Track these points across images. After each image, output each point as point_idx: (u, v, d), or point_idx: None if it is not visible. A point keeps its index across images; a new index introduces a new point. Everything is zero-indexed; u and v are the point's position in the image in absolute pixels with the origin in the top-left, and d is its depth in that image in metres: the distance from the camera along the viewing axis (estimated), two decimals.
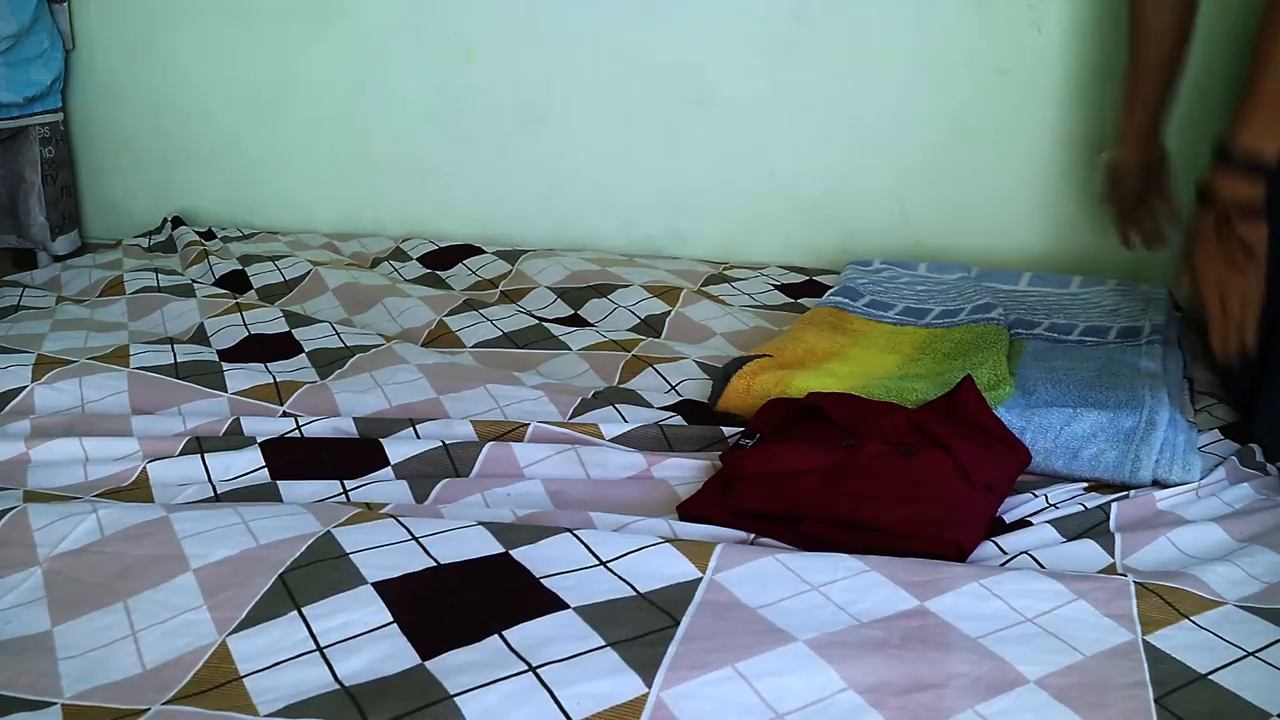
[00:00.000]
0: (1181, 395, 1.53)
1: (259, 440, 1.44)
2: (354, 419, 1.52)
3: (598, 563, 1.09)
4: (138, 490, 1.35)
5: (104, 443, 1.46)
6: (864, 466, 1.26)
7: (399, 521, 1.15)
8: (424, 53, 2.62)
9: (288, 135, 2.78)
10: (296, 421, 1.52)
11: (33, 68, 2.71)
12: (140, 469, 1.39)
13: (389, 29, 2.63)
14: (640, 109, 2.52)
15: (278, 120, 2.78)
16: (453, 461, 1.41)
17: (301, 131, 2.77)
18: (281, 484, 1.35)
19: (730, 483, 1.29)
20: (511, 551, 1.10)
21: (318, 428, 1.51)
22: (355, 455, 1.42)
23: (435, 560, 1.09)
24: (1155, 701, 0.92)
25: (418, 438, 1.47)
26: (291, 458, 1.42)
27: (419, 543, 1.12)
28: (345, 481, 1.36)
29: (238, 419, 1.53)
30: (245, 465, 1.40)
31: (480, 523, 1.16)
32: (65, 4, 2.80)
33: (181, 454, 1.42)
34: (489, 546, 1.11)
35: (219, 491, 1.34)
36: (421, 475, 1.39)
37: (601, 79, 2.52)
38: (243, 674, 0.95)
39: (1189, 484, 1.33)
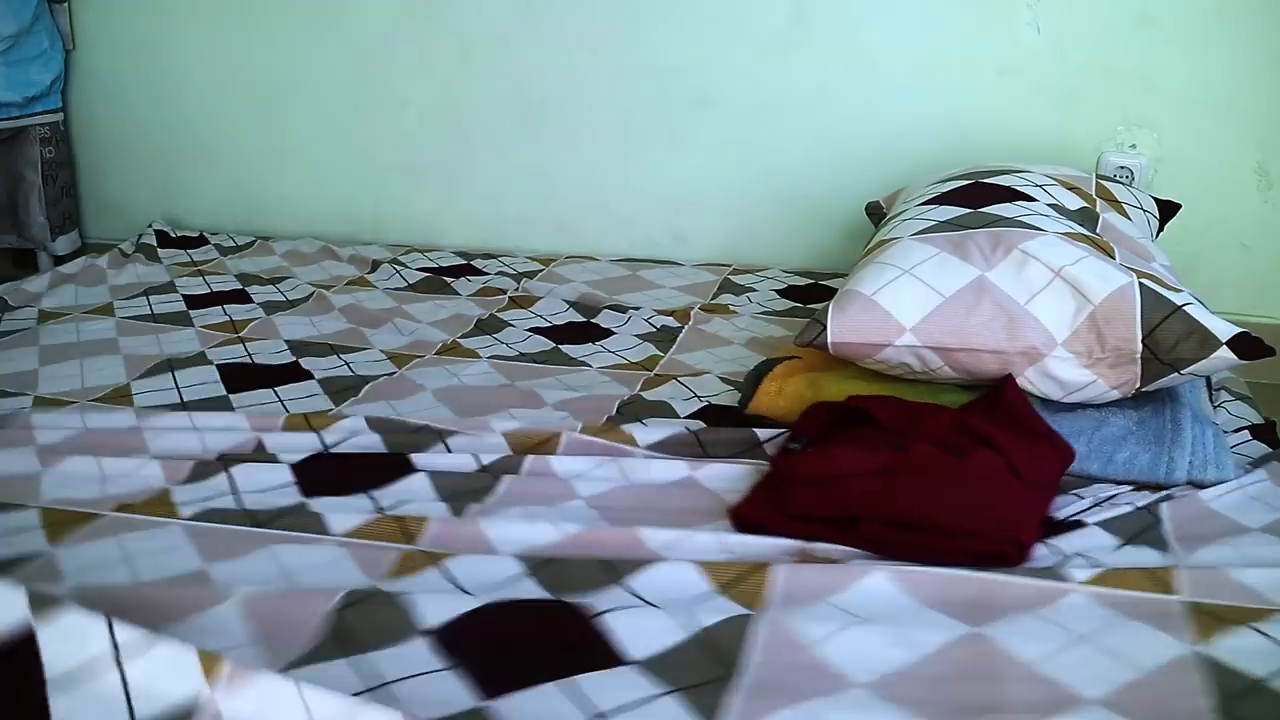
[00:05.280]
0: (1199, 392, 1.54)
1: (289, 460, 1.42)
2: (382, 435, 1.51)
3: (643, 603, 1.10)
4: (159, 506, 1.32)
5: (121, 461, 1.42)
6: (917, 467, 1.26)
7: (444, 576, 1.15)
8: (424, 53, 2.63)
9: (288, 135, 2.78)
10: (322, 439, 1.50)
11: (33, 68, 2.70)
12: (162, 485, 1.37)
13: (388, 29, 2.63)
14: (640, 109, 2.53)
15: (278, 120, 2.78)
16: (489, 474, 1.40)
17: (301, 131, 2.77)
18: (314, 502, 1.34)
19: (785, 487, 1.29)
20: (563, 597, 1.10)
21: (346, 444, 1.49)
22: (387, 471, 1.41)
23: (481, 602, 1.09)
24: (1216, 711, 0.93)
25: (449, 452, 1.46)
26: (322, 473, 1.41)
27: (463, 591, 1.12)
28: (380, 498, 1.35)
29: (260, 438, 1.50)
30: (274, 480, 1.38)
31: (520, 556, 1.16)
32: (65, 4, 2.80)
33: (207, 469, 1.40)
34: (534, 591, 1.11)
35: (247, 507, 1.32)
36: (458, 491, 1.37)
37: (601, 79, 2.53)
38: None
39: (1228, 481, 1.34)
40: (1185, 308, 1.39)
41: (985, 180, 1.77)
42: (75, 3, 2.81)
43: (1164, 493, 1.33)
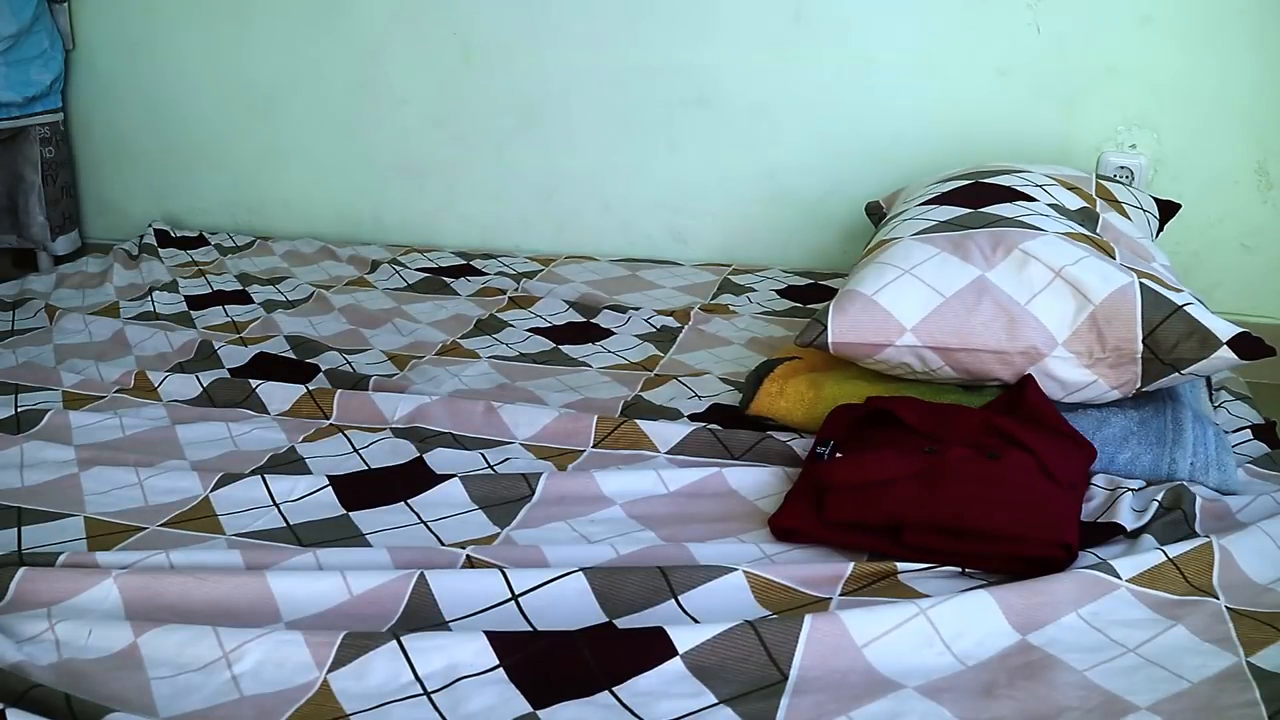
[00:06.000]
0: (1199, 392, 1.55)
1: (325, 474, 1.44)
2: (415, 444, 1.52)
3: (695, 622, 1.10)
4: (201, 520, 1.34)
5: (159, 472, 1.44)
6: (954, 471, 1.26)
7: (503, 574, 1.15)
8: (424, 53, 2.63)
9: (288, 135, 2.79)
10: (353, 444, 1.53)
11: (33, 68, 2.70)
12: (203, 495, 1.38)
13: (389, 29, 2.64)
14: (640, 109, 2.53)
15: (278, 120, 2.78)
16: (529, 484, 1.40)
17: (301, 131, 2.77)
18: (354, 515, 1.35)
19: (822, 495, 1.28)
20: (616, 622, 1.10)
21: (379, 452, 1.51)
22: (423, 481, 1.42)
23: (533, 627, 1.09)
24: (1270, 718, 0.93)
25: (488, 465, 1.47)
26: (358, 484, 1.42)
27: (518, 605, 1.12)
28: (420, 512, 1.36)
29: (294, 446, 1.54)
30: (309, 486, 1.40)
31: (583, 570, 1.16)
32: (65, 4, 2.80)
33: (244, 478, 1.41)
34: (592, 613, 1.11)
35: (287, 518, 1.34)
36: (495, 502, 1.38)
37: (601, 79, 2.53)
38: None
39: (1232, 483, 1.35)
40: (1186, 308, 1.39)
41: (985, 180, 1.77)
42: (75, 3, 2.82)
43: (1190, 491, 1.32)
